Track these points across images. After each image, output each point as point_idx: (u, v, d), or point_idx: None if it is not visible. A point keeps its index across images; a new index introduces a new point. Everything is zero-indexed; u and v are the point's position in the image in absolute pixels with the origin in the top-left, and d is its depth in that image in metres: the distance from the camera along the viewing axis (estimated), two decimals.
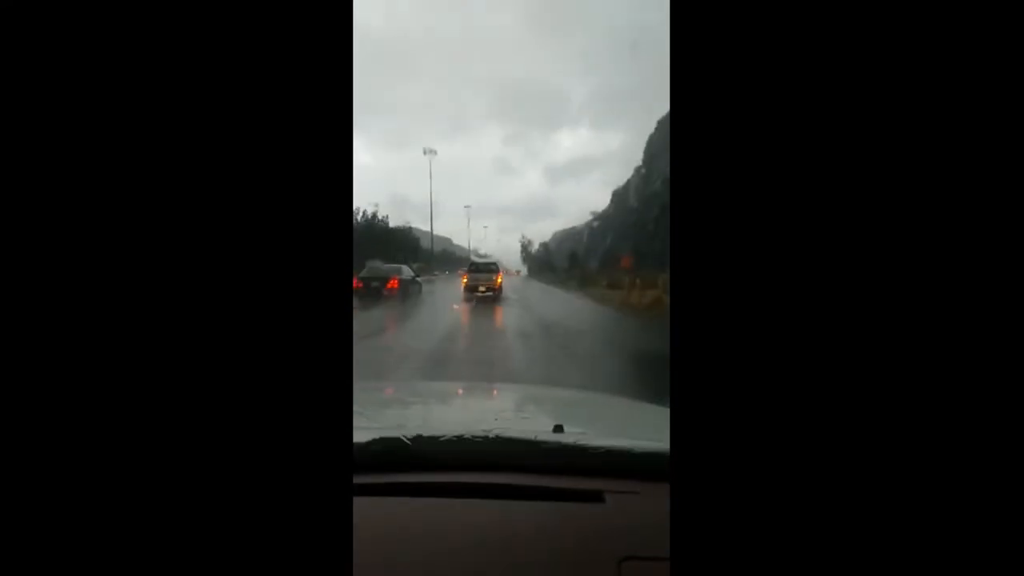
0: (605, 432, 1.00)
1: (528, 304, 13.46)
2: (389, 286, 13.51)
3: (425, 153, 46.77)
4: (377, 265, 15.49)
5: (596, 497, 0.74)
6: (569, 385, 3.78)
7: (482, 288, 13.84)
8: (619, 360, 5.91)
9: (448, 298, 14.77)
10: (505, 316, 10.49)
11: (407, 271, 15.31)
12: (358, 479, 0.69)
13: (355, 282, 12.96)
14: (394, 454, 0.79)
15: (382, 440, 0.79)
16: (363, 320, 9.23)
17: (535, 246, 56.96)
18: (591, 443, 0.82)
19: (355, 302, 11.32)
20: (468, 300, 13.36)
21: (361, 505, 0.63)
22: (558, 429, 0.89)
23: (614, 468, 0.79)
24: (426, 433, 0.81)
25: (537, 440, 0.82)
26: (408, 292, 14.18)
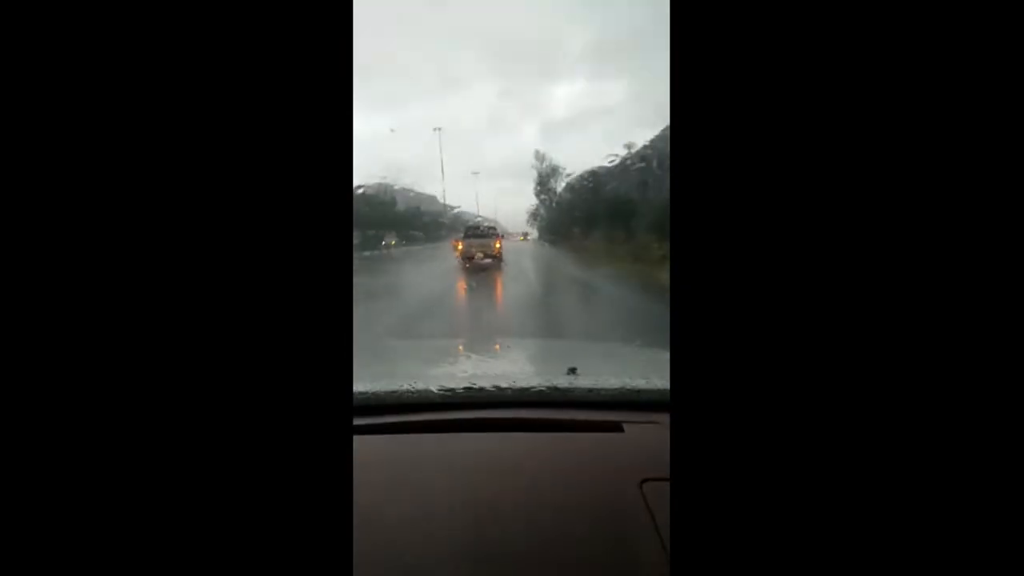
0: (619, 372, 1.02)
1: None
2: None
3: None
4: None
5: (615, 427, 0.80)
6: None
7: (479, 255, 13.14)
8: None
9: None
10: None
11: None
12: (382, 419, 0.83)
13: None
14: (421, 403, 0.86)
15: (411, 391, 0.87)
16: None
17: (561, 184, 32.00)
18: (608, 382, 0.92)
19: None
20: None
21: (386, 442, 0.77)
22: (572, 371, 0.96)
23: (631, 402, 0.87)
24: (449, 384, 0.88)
25: (558, 387, 0.89)
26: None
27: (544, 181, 32.02)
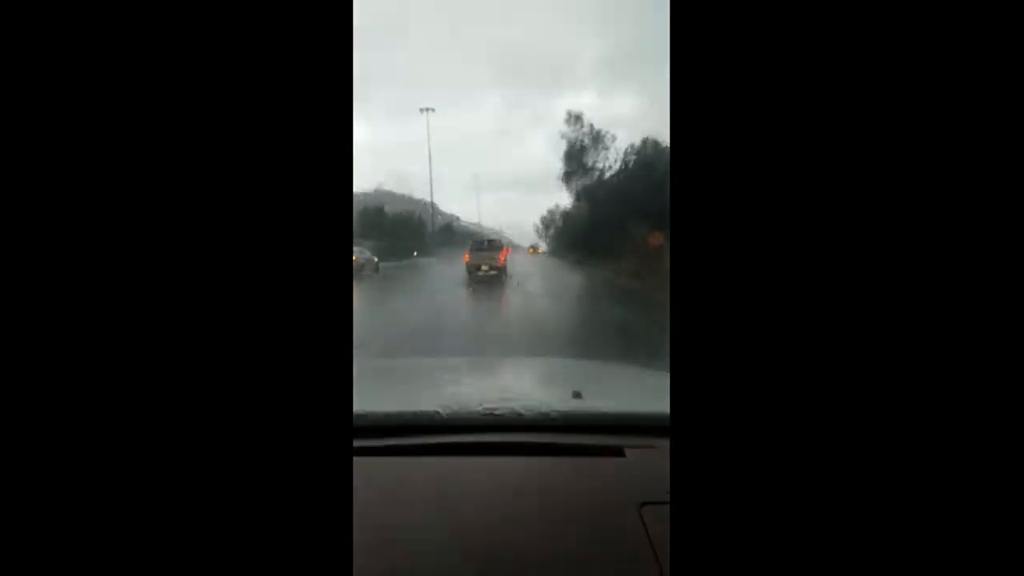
0: (623, 396, 1.08)
1: None
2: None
3: None
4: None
5: (617, 452, 0.80)
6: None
7: (484, 267, 13.46)
8: None
9: None
10: None
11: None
12: (380, 442, 0.82)
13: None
14: (427, 425, 0.86)
15: (416, 413, 0.88)
16: None
17: (606, 161, 18.78)
18: (611, 406, 0.94)
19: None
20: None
21: (392, 465, 0.78)
22: (577, 395, 0.96)
23: (633, 427, 0.87)
24: (454, 406, 0.88)
25: (561, 411, 0.88)
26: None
27: (577, 156, 18.26)
